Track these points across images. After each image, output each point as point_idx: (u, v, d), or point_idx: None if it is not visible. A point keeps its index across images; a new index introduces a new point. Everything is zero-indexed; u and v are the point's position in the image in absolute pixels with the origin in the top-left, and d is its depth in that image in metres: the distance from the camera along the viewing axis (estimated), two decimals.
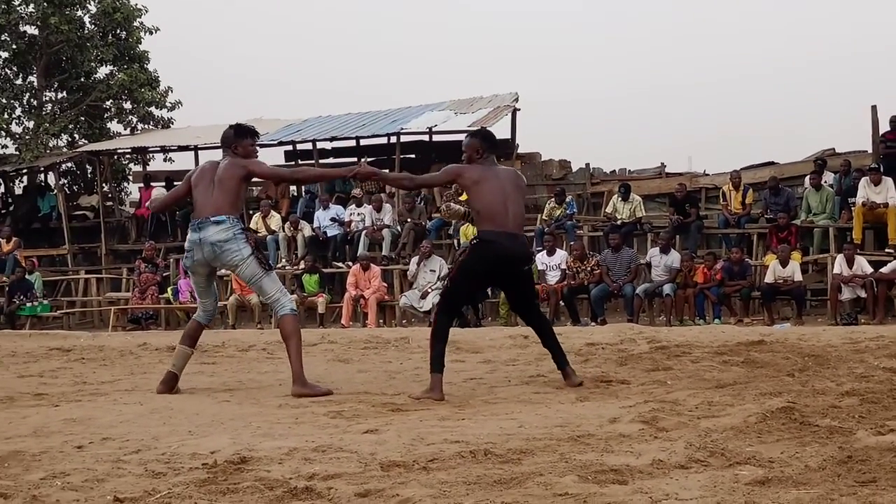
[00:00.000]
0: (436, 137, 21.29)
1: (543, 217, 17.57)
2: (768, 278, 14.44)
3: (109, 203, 22.68)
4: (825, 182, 16.61)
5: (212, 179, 7.04)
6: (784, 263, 14.37)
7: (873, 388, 5.89)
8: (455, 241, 17.28)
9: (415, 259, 15.98)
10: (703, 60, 47.72)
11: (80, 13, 24.20)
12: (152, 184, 21.97)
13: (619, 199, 17.33)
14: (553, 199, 17.86)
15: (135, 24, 24.55)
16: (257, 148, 7.32)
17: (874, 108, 16.66)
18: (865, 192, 15.47)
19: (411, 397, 6.54)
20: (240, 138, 7.12)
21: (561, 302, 15.20)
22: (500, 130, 20.20)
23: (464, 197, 10.08)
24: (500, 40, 51.80)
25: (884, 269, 14.14)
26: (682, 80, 47.15)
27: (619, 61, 50.28)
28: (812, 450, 4.28)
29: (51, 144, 23.93)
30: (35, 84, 24.82)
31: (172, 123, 25.44)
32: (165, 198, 9.40)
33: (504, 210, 6.80)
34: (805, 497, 3.50)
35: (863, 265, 14.18)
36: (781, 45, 47.87)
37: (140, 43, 24.84)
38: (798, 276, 14.36)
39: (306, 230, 18.01)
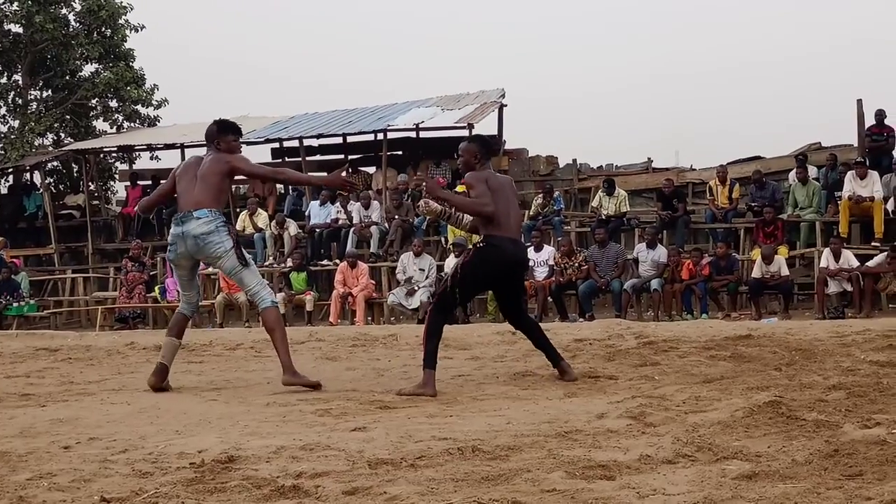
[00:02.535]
0: (423, 134, 21.27)
1: (530, 213, 17.57)
2: (755, 273, 14.47)
3: (96, 202, 22.59)
4: (811, 176, 16.65)
5: (195, 174, 7.13)
6: (768, 260, 14.39)
7: (860, 382, 5.91)
8: (443, 239, 17.27)
9: (404, 256, 15.94)
10: (690, 55, 47.88)
11: (64, 11, 24.10)
12: (139, 182, 21.91)
13: (604, 194, 17.36)
14: (541, 195, 17.87)
15: (120, 21, 24.45)
16: (240, 144, 7.40)
17: (859, 101, 16.69)
18: (851, 185, 15.52)
19: (400, 394, 6.54)
20: (222, 134, 7.20)
21: (549, 298, 15.21)
22: (487, 127, 20.26)
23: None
24: (486, 35, 51.87)
25: (870, 263, 14.20)
26: (668, 74, 47.29)
27: (606, 57, 50.36)
28: (799, 444, 4.29)
29: (36, 143, 23.80)
30: (20, 83, 24.70)
31: (158, 121, 25.38)
32: (152, 197, 9.38)
33: (508, 216, 6.96)
34: (792, 491, 3.50)
35: (849, 259, 14.22)
36: (767, 38, 48.01)
37: (125, 41, 24.74)
38: (785, 271, 14.38)
39: (292, 228, 17.98)
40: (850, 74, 41.14)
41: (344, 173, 7.81)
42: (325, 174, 9.70)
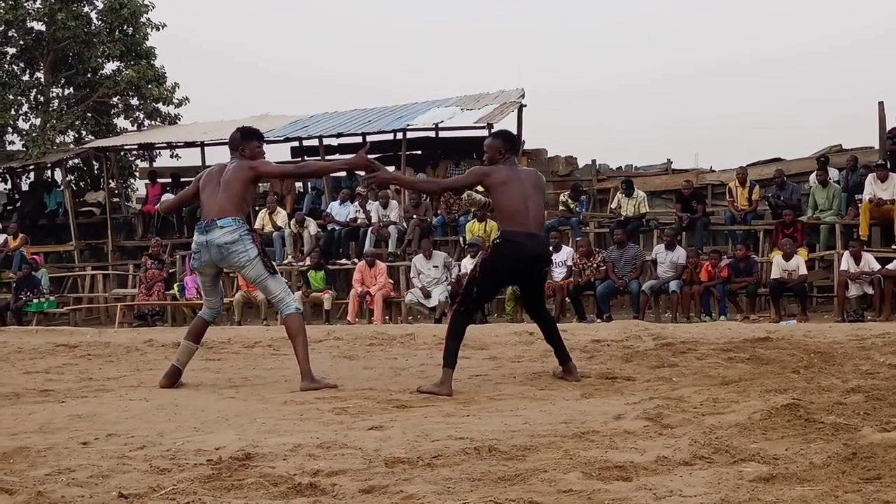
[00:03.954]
0: (442, 133, 21.27)
1: (561, 208, 17.65)
2: (774, 273, 14.40)
3: (116, 199, 22.70)
4: (831, 179, 16.57)
5: (219, 181, 7.16)
6: (788, 258, 14.33)
7: (879, 385, 5.88)
8: (461, 239, 17.26)
9: (416, 259, 15.87)
10: (710, 54, 47.70)
11: (86, 9, 24.22)
12: (158, 180, 22.02)
13: (622, 195, 17.33)
14: (568, 192, 17.94)
15: (141, 20, 24.56)
16: (264, 150, 7.43)
17: (881, 104, 16.59)
18: (872, 188, 15.43)
19: (419, 391, 6.57)
20: (246, 140, 7.26)
21: (567, 299, 15.19)
22: (507, 127, 20.19)
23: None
24: (506, 34, 51.87)
25: (890, 266, 14.10)
26: (688, 74, 47.13)
27: (625, 57, 50.23)
28: (817, 446, 4.27)
29: (57, 141, 23.94)
30: (42, 80, 24.84)
31: (179, 119, 25.49)
32: (174, 200, 9.53)
33: (525, 210, 6.93)
34: (809, 494, 3.49)
35: (870, 262, 14.15)
36: (788, 40, 47.78)
37: (147, 39, 24.85)
38: (802, 271, 14.31)
39: (312, 227, 18.02)
40: (871, 76, 40.94)
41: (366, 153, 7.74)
42: (346, 157, 9.90)
